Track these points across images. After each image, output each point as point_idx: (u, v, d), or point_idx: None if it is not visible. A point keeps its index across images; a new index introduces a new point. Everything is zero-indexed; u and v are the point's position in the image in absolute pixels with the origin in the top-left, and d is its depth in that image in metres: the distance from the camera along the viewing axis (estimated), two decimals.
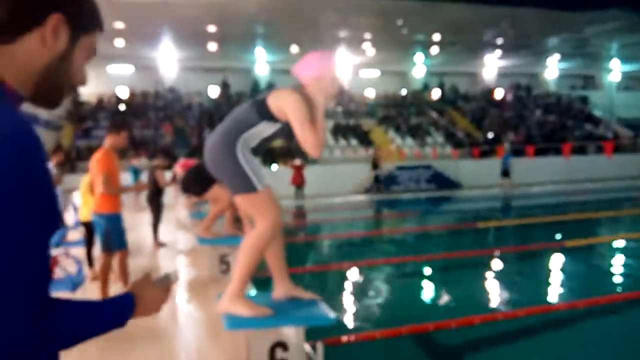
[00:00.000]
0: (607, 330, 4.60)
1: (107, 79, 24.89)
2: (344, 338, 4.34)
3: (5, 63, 0.96)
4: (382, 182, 19.81)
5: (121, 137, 5.19)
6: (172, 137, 20.30)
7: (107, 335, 1.09)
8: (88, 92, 23.60)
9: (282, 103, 2.69)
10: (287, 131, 2.79)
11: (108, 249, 5.14)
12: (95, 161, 5.06)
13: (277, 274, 3.10)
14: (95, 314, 1.04)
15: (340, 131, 23.12)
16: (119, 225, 5.19)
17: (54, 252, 5.49)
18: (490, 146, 23.74)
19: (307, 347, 3.00)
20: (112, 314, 1.08)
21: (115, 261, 5.33)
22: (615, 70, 34.22)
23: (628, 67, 34.02)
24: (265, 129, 2.76)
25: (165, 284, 1.29)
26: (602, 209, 14.51)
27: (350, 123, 23.97)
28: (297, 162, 18.69)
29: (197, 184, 6.12)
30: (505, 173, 19.47)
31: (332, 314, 2.84)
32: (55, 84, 1.04)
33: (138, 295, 1.18)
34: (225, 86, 25.51)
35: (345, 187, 19.83)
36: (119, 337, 3.92)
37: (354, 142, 22.83)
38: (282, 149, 20.81)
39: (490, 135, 24.89)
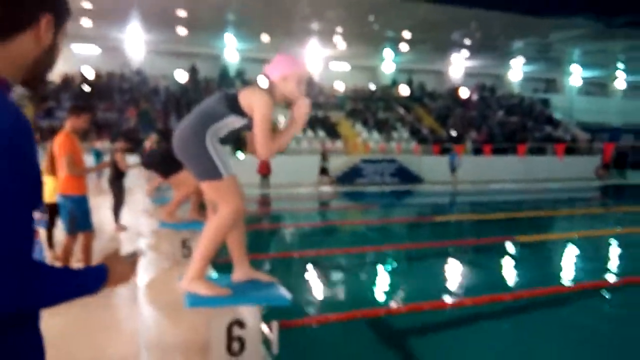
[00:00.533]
0: (549, 320, 4.93)
1: (72, 59, 24.28)
2: (300, 321, 4.53)
3: None
4: (329, 174, 19.71)
5: (82, 120, 5.18)
6: (137, 121, 20.01)
7: (67, 317, 1.22)
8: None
9: (252, 103, 2.83)
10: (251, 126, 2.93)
11: (72, 231, 5.16)
12: (57, 144, 5.06)
13: (237, 258, 3.25)
14: (73, 279, 1.17)
15: (308, 122, 23.23)
16: (84, 206, 5.22)
17: None
18: (452, 144, 24.38)
19: (264, 325, 3.17)
20: (87, 281, 1.21)
21: (78, 243, 5.36)
22: (576, 75, 35.45)
23: (589, 73, 35.30)
24: (233, 122, 2.88)
25: (132, 259, 1.44)
26: (553, 207, 15.18)
27: (319, 115, 24.12)
28: None
29: (165, 164, 6.14)
30: (453, 170, 20.34)
31: (287, 295, 3.01)
32: (43, 70, 1.20)
33: (110, 267, 1.31)
34: (193, 71, 25.26)
35: (310, 177, 20.02)
36: (79, 319, 4.01)
37: (321, 133, 23.01)
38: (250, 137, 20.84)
39: (454, 133, 25.48)
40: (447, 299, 5.30)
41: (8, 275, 1.00)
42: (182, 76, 24.97)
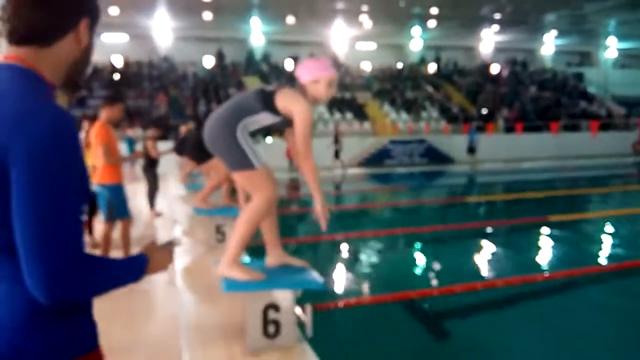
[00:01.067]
0: (585, 301, 4.88)
1: (102, 48, 24.66)
2: (333, 303, 4.61)
3: (43, 61, 1.19)
4: (340, 158, 18.90)
5: (116, 110, 5.33)
6: (167, 108, 20.31)
7: (107, 302, 1.30)
8: None
9: (292, 108, 2.87)
10: (285, 123, 2.98)
11: (111, 219, 5.34)
12: (94, 134, 5.22)
13: (271, 243, 3.33)
14: (118, 269, 1.25)
15: (335, 104, 23.16)
16: (121, 194, 5.40)
17: None
18: (484, 122, 23.95)
19: (298, 309, 3.24)
20: (131, 270, 1.30)
21: (116, 229, 5.54)
22: (612, 47, 34.20)
23: (625, 45, 34.02)
24: (265, 119, 2.94)
25: (169, 247, 1.51)
26: (588, 185, 14.85)
27: (346, 96, 23.99)
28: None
29: (198, 151, 6.26)
30: (471, 150, 19.92)
31: (320, 279, 3.07)
32: (81, 71, 1.30)
33: (149, 256, 1.39)
34: (220, 56, 25.38)
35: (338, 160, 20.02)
36: (119, 303, 4.17)
37: (349, 115, 22.92)
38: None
39: (485, 110, 25.02)
40: (480, 281, 5.29)
41: (65, 268, 1.07)
42: (209, 61, 25.13)
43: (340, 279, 5.58)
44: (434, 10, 24.34)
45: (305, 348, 3.17)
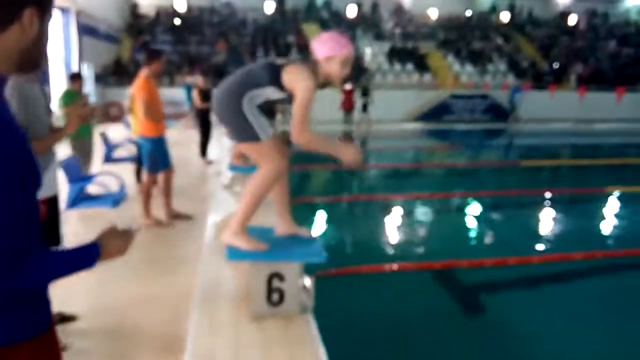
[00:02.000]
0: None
1: None
2: (353, 268, 4.61)
3: None
4: (367, 111, 17.89)
5: (155, 66, 5.43)
6: (226, 55, 20.41)
7: (139, 261, 1.35)
8: (146, 3, 23.83)
9: (295, 85, 2.79)
10: (291, 99, 2.90)
11: (153, 170, 5.55)
12: (136, 88, 5.36)
13: (280, 213, 3.34)
14: (66, 259, 1.30)
15: (395, 55, 22.43)
16: (162, 146, 5.61)
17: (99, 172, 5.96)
18: (554, 77, 22.54)
19: (304, 279, 3.27)
20: (80, 259, 1.34)
21: (160, 178, 5.75)
22: None
23: None
24: (271, 93, 2.87)
25: (128, 234, 1.53)
26: None
27: (408, 46, 23.13)
28: (348, 86, 18.47)
29: None
30: (512, 109, 18.98)
31: (323, 253, 3.06)
32: (34, 58, 1.28)
33: (103, 242, 1.43)
34: (281, 2, 24.96)
35: (396, 114, 19.61)
36: (150, 253, 4.36)
37: (409, 67, 22.17)
38: None
39: (556, 65, 23.45)
40: (525, 254, 5.10)
41: (4, 265, 1.13)
42: (270, 7, 24.80)
43: (363, 243, 5.54)
44: None
45: (309, 318, 3.21)
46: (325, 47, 2.86)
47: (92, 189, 5.76)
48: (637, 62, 24.38)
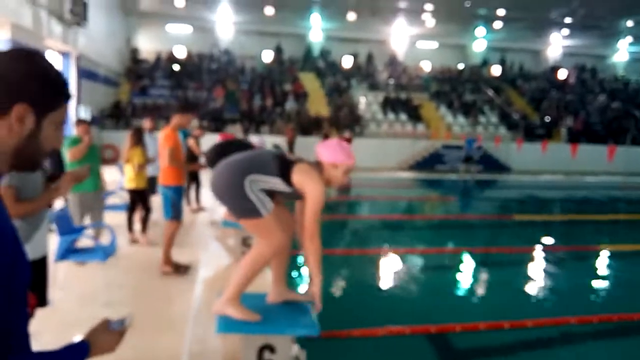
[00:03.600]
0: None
1: (166, 38, 25.47)
2: (345, 332, 4.53)
3: None
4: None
5: (186, 118, 5.62)
6: (223, 101, 20.68)
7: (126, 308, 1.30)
8: (146, 49, 24.31)
9: (306, 187, 2.90)
10: (295, 195, 2.99)
11: (175, 217, 5.57)
12: (162, 138, 5.54)
13: (276, 278, 3.31)
14: (55, 359, 1.24)
15: (389, 104, 22.82)
16: (182, 195, 5.75)
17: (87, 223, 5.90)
18: (546, 130, 22.94)
19: (294, 349, 3.21)
20: (70, 359, 1.28)
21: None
22: None
23: None
24: (277, 184, 2.94)
25: (120, 330, 1.49)
26: None
27: (402, 97, 23.57)
28: (346, 134, 18.77)
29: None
30: (468, 159, 19.18)
31: (316, 325, 3.01)
32: (29, 157, 1.21)
33: (92, 340, 1.39)
34: (279, 51, 25.55)
35: (390, 162, 19.79)
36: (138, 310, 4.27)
37: (402, 116, 22.52)
38: (330, 119, 20.87)
39: (548, 119, 23.91)
40: (520, 317, 5.05)
41: None
42: (268, 56, 25.35)
43: (354, 303, 5.47)
44: (501, 12, 23.47)
45: None
46: (333, 154, 3.01)
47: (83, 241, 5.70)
48: (625, 116, 24.93)
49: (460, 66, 28.47)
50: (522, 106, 25.30)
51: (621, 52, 31.17)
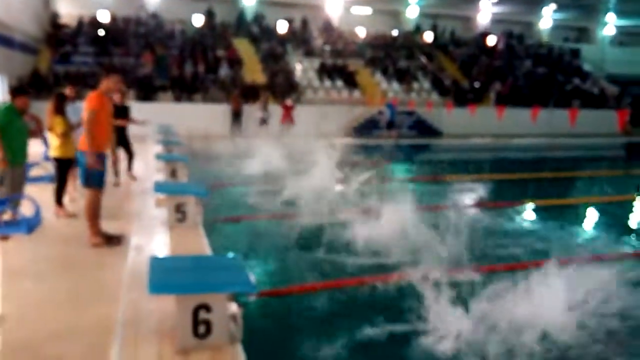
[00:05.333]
0: None
1: (88, 2, 23.91)
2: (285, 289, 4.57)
3: None
4: (267, 123, 17.90)
5: (113, 81, 5.40)
6: (152, 67, 19.84)
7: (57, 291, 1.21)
8: (68, 13, 22.78)
9: None
10: None
11: (93, 185, 5.27)
12: (86, 100, 5.26)
13: None
14: None
15: (325, 71, 22.74)
16: (102, 163, 5.39)
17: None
18: (475, 95, 23.71)
19: (231, 308, 3.19)
20: None
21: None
22: (610, 24, 33.64)
23: (623, 22, 33.47)
24: None
25: None
26: (571, 167, 14.76)
27: (337, 63, 23.52)
28: (288, 102, 18.66)
29: None
30: (391, 124, 19.73)
31: (254, 283, 3.00)
32: None
33: None
34: (210, 15, 24.64)
35: (327, 129, 19.79)
36: (67, 285, 4.08)
37: (339, 83, 22.53)
38: (266, 86, 20.56)
39: (477, 84, 24.68)
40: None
41: None
42: (198, 20, 24.40)
43: (289, 264, 5.49)
44: None
45: (237, 349, 3.13)
46: None
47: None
48: (549, 80, 26.17)
49: (394, 32, 28.66)
50: (453, 72, 25.94)
51: (546, 19, 32.44)
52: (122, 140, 8.93)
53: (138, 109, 17.05)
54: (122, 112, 8.76)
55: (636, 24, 34.04)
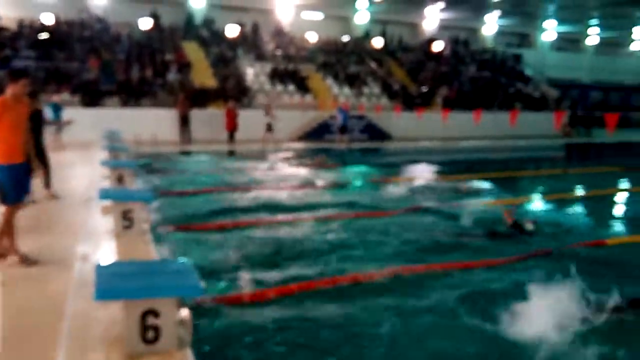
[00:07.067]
0: None
1: (30, 4, 23.07)
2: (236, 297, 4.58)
3: None
4: (272, 130, 18.23)
5: (20, 85, 4.99)
6: (98, 72, 19.31)
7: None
8: (6, 15, 21.87)
9: None
10: None
11: (4, 201, 4.99)
12: None
13: None
14: None
15: (277, 76, 22.77)
16: (11, 176, 4.98)
17: None
18: (423, 99, 24.33)
19: (180, 312, 3.18)
20: None
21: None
22: (550, 30, 35.29)
23: (562, 29, 35.19)
24: None
25: None
26: (515, 167, 15.37)
27: (289, 68, 23.59)
28: (230, 105, 18.38)
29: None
30: (343, 128, 20.06)
31: (201, 285, 3.01)
32: None
33: None
34: (155, 18, 24.16)
35: (280, 133, 19.79)
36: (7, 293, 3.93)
37: (290, 87, 22.61)
38: (216, 90, 20.39)
39: (425, 89, 25.31)
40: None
41: None
42: (145, 24, 23.91)
43: (242, 269, 5.50)
44: None
45: (187, 353, 3.13)
46: None
47: None
48: (493, 84, 27.16)
49: (345, 38, 29.04)
50: (401, 77, 26.51)
51: (489, 25, 33.68)
52: (37, 150, 8.27)
53: (83, 114, 16.74)
54: (35, 118, 8.02)
55: (574, 30, 35.87)
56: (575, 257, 6.12)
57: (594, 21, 33.55)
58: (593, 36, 37.35)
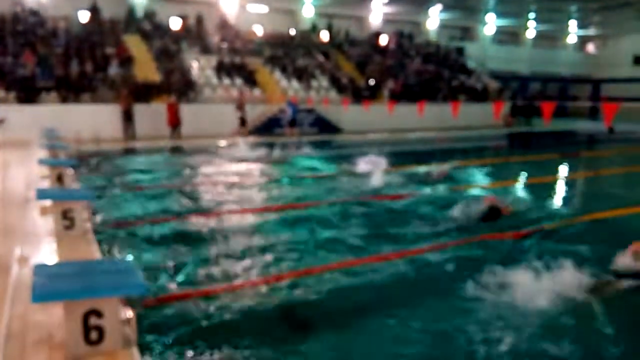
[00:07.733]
0: None
1: None
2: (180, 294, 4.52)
3: None
4: (245, 125, 18.98)
5: None
6: (34, 68, 18.43)
7: None
8: None
9: None
10: None
11: None
12: None
13: None
14: None
15: (224, 69, 22.45)
16: None
17: None
18: (370, 92, 24.64)
19: (124, 312, 3.11)
20: None
21: None
22: (491, 23, 36.43)
23: (502, 22, 36.40)
24: None
25: None
26: (462, 157, 15.83)
27: (236, 61, 23.30)
28: (172, 99, 18.05)
29: None
30: (292, 122, 20.38)
31: (144, 283, 2.96)
32: None
33: None
34: (94, 11, 23.28)
35: (227, 128, 19.56)
36: None
37: (238, 81, 22.34)
38: (161, 85, 19.90)
39: (372, 82, 25.61)
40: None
41: None
42: (84, 17, 22.98)
43: (188, 266, 5.43)
44: None
45: (133, 352, 3.07)
46: None
47: None
48: (437, 77, 27.81)
49: (292, 31, 28.93)
50: (349, 70, 26.71)
51: (433, 19, 34.41)
52: None
53: (19, 111, 15.97)
54: None
55: (513, 24, 37.17)
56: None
57: (531, 15, 34.87)
58: (531, 29, 38.85)
